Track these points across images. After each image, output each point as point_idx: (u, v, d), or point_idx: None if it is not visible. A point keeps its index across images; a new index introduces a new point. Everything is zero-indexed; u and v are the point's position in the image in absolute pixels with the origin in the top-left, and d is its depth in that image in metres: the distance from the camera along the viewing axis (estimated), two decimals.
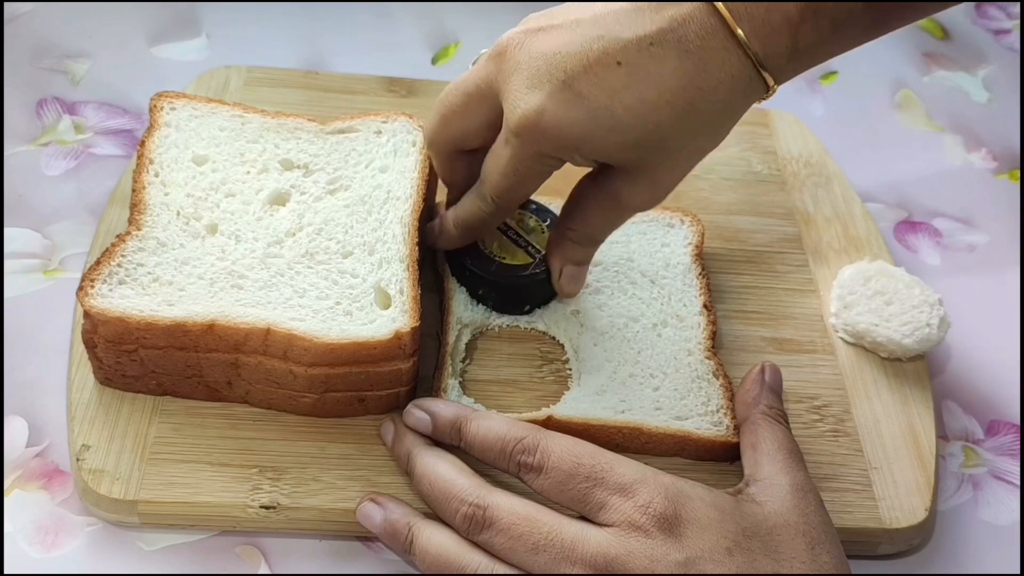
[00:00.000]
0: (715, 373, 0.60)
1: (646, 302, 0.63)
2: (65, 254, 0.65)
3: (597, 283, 0.63)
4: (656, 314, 0.62)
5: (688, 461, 0.58)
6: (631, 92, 0.50)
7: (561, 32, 0.52)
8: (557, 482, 0.50)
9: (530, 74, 0.52)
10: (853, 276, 0.66)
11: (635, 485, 0.49)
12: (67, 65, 0.77)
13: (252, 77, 0.75)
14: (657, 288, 0.64)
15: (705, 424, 0.58)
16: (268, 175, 0.62)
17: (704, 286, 0.64)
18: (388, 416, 0.56)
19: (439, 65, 0.82)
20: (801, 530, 0.50)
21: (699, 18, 0.49)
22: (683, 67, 0.50)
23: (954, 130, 0.83)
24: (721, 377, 0.60)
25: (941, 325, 0.64)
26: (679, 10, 0.50)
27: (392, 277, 0.57)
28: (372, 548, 0.54)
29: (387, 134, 0.64)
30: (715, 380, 0.60)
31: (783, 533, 0.49)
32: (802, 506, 0.51)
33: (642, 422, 0.57)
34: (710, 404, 0.58)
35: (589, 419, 0.56)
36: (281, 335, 0.54)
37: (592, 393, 0.58)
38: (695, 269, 0.65)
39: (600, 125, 0.51)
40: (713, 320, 0.63)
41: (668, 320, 0.62)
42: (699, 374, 0.60)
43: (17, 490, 0.54)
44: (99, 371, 0.56)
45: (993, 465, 0.62)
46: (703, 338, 0.61)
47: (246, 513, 0.53)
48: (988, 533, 0.59)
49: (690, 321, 0.62)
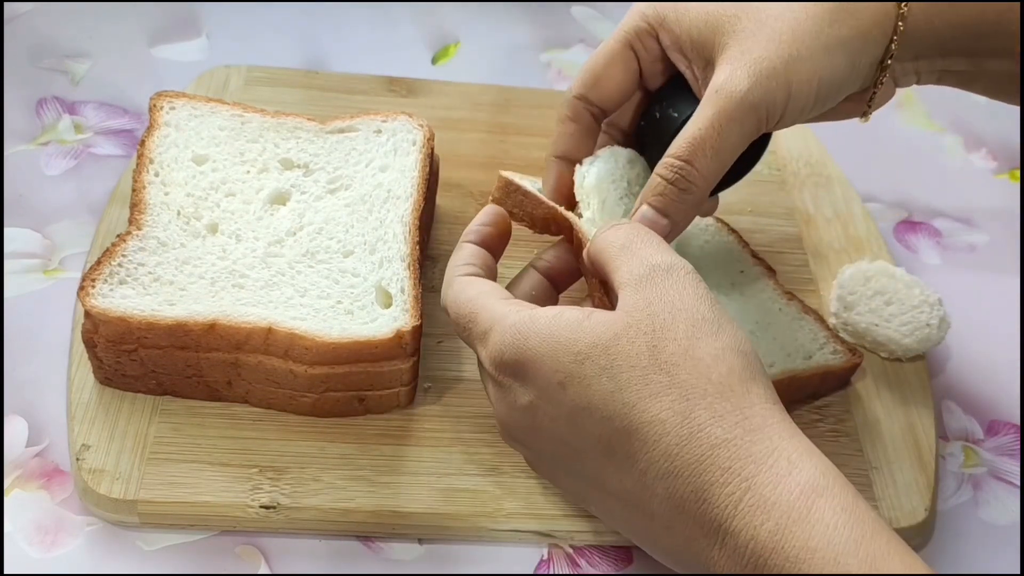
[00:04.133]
0: (803, 311, 0.63)
1: (710, 269, 0.64)
2: (65, 254, 0.65)
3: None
4: (723, 277, 0.64)
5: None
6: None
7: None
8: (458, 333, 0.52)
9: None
10: (853, 276, 0.66)
11: (488, 334, 0.49)
12: (67, 65, 0.77)
13: (252, 77, 0.75)
14: (708, 252, 0.65)
15: (827, 356, 0.60)
16: (268, 174, 0.62)
17: (740, 239, 0.67)
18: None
19: (439, 65, 0.82)
20: (644, 326, 0.45)
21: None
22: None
23: (954, 130, 0.83)
24: (811, 312, 0.63)
25: (941, 325, 0.64)
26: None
27: (393, 276, 0.57)
28: (372, 548, 0.54)
29: (387, 133, 0.64)
30: (808, 317, 0.63)
31: (622, 339, 0.45)
32: (655, 292, 0.46)
33: (792, 369, 0.59)
34: (818, 338, 0.61)
35: None
36: (282, 334, 0.54)
37: None
38: (723, 227, 0.67)
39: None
40: (768, 265, 0.65)
41: (736, 280, 0.64)
42: (792, 316, 0.62)
43: (17, 490, 0.54)
44: (99, 371, 0.56)
45: (993, 465, 0.62)
46: (774, 285, 0.64)
47: (246, 513, 0.53)
48: (988, 533, 0.59)
49: (751, 273, 0.64)
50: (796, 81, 0.51)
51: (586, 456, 0.47)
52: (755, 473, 0.42)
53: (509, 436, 0.51)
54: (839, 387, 0.62)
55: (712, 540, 0.43)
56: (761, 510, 0.42)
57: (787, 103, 0.52)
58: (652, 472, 0.44)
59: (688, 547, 0.44)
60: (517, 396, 0.48)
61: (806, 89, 0.52)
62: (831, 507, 0.41)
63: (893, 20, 0.52)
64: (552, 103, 0.76)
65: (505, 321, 0.48)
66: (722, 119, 0.51)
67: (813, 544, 0.41)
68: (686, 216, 0.53)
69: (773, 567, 0.41)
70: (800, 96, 0.52)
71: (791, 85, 0.51)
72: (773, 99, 0.51)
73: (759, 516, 0.42)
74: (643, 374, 0.45)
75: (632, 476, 0.45)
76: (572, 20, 0.88)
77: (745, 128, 0.52)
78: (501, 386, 0.49)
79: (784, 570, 0.41)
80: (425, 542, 0.55)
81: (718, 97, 0.51)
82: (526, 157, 0.72)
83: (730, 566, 0.43)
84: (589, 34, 0.86)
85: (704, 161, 0.51)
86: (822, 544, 0.41)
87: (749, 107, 0.51)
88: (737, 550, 0.42)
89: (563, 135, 0.57)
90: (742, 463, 0.43)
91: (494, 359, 0.48)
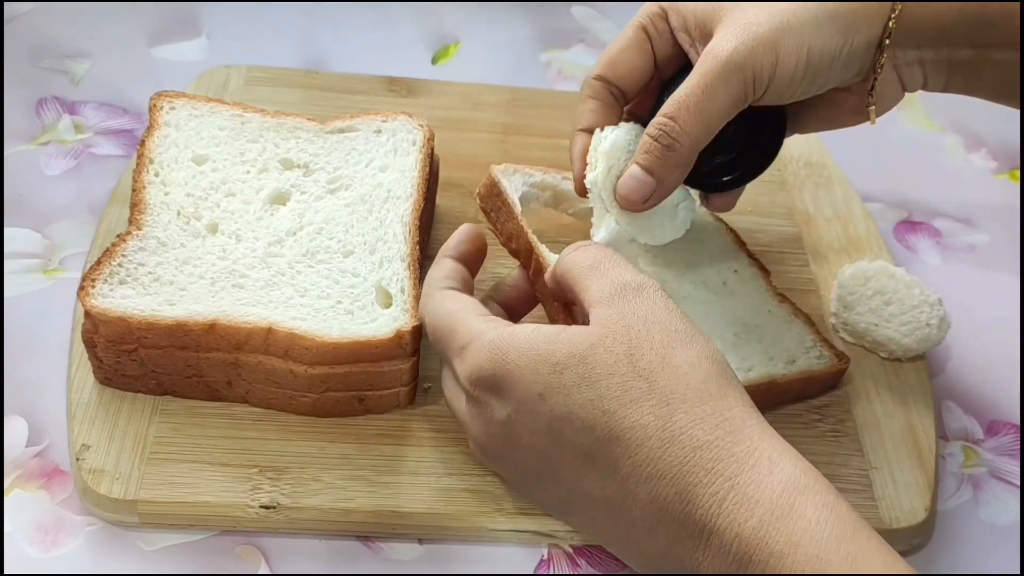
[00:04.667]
0: (793, 313, 0.62)
1: (703, 266, 0.64)
2: (65, 254, 0.65)
3: (657, 260, 0.63)
4: (716, 275, 0.64)
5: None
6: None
7: None
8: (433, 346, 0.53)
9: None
10: (853, 276, 0.66)
11: (466, 348, 0.49)
12: (67, 65, 0.77)
13: (252, 77, 0.75)
14: (703, 251, 0.65)
15: (812, 360, 0.60)
16: (268, 174, 0.62)
17: (736, 238, 0.66)
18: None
19: (439, 65, 0.82)
20: (620, 336, 0.46)
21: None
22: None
23: (954, 130, 0.83)
24: (801, 315, 0.62)
25: (941, 325, 0.64)
26: None
27: (393, 276, 0.57)
28: (372, 548, 0.54)
29: (387, 133, 0.64)
30: (797, 320, 0.62)
31: (599, 349, 0.46)
32: (627, 307, 0.47)
33: (771, 374, 0.58)
34: (805, 341, 0.61)
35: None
36: (283, 334, 0.54)
37: None
38: (721, 225, 0.67)
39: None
40: (762, 266, 0.65)
41: (728, 279, 0.64)
42: (782, 318, 0.62)
43: (17, 490, 0.54)
44: (99, 371, 0.56)
45: (993, 465, 0.62)
46: (766, 286, 0.64)
47: (246, 513, 0.53)
48: (988, 533, 0.59)
49: (745, 273, 0.64)
50: (784, 48, 0.52)
51: (566, 466, 0.47)
52: (737, 472, 0.43)
53: (484, 454, 0.51)
54: (825, 391, 0.61)
55: (696, 542, 0.43)
56: (745, 507, 0.42)
57: (775, 69, 0.52)
58: (635, 477, 0.44)
59: (671, 551, 0.44)
60: (494, 411, 0.48)
61: (794, 57, 0.52)
62: (813, 503, 0.42)
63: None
64: (552, 103, 0.76)
65: (484, 337, 0.49)
66: (707, 78, 0.52)
67: (796, 539, 0.41)
68: (670, 173, 0.54)
69: (758, 563, 0.41)
70: (788, 63, 0.52)
71: (779, 51, 0.52)
72: (759, 62, 0.52)
73: (743, 513, 0.42)
74: (622, 381, 0.45)
75: (614, 482, 0.45)
76: (572, 20, 0.88)
77: (731, 89, 0.52)
78: (477, 401, 0.49)
79: (768, 566, 0.41)
80: (425, 542, 0.55)
81: (705, 58, 0.53)
82: (526, 157, 0.72)
83: (715, 566, 0.43)
84: (589, 34, 0.86)
85: (688, 118, 0.52)
86: (805, 539, 0.41)
87: (734, 67, 0.52)
88: (722, 548, 0.42)
89: (584, 111, 0.58)
90: (724, 463, 0.43)
91: (471, 374, 0.49)
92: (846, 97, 0.57)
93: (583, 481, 0.46)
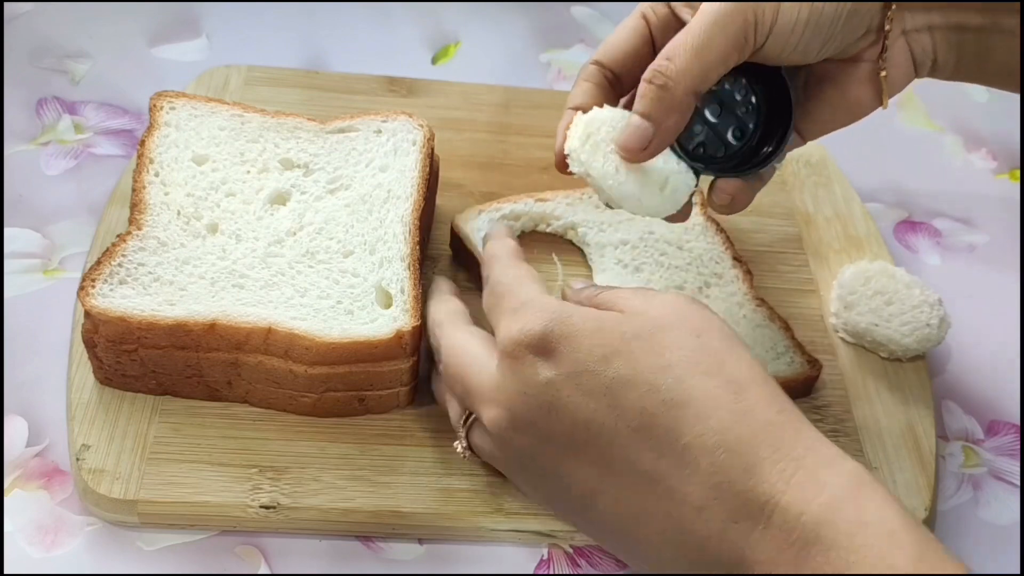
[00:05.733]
0: (769, 318, 0.62)
1: (683, 268, 0.64)
2: (65, 254, 0.65)
3: (634, 262, 0.65)
4: (696, 278, 0.64)
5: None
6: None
7: None
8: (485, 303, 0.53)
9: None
10: (853, 276, 0.66)
11: (522, 309, 0.49)
12: (67, 65, 0.77)
13: (252, 77, 0.75)
14: (686, 252, 0.65)
15: (781, 367, 0.60)
16: (268, 174, 0.62)
17: (726, 240, 0.66)
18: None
19: (439, 65, 0.82)
20: (687, 326, 0.47)
21: None
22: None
23: (954, 130, 0.83)
24: (777, 320, 0.62)
25: (941, 325, 0.64)
26: None
27: (393, 276, 0.57)
28: (372, 548, 0.54)
29: (387, 133, 0.64)
30: (772, 324, 0.62)
31: (668, 331, 0.47)
32: (687, 309, 0.49)
33: None
34: (777, 347, 0.61)
35: None
36: (282, 334, 0.54)
37: None
38: (711, 227, 0.67)
39: None
40: (747, 269, 0.65)
41: (710, 280, 0.64)
42: (756, 323, 0.62)
43: (17, 490, 0.54)
44: (99, 371, 0.56)
45: (993, 465, 0.62)
46: (746, 289, 0.64)
47: (246, 513, 0.53)
48: (988, 533, 0.59)
49: (728, 276, 0.64)
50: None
51: (614, 434, 0.46)
52: (804, 455, 0.43)
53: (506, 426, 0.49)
54: (795, 397, 0.58)
55: (756, 521, 0.43)
56: (813, 485, 0.42)
57: (776, 15, 0.51)
58: (698, 446, 0.44)
59: (723, 533, 0.43)
60: (538, 371, 0.47)
61: (796, 5, 0.51)
62: (878, 494, 0.42)
63: None
64: (552, 103, 0.76)
65: (547, 301, 0.49)
66: (705, 20, 0.51)
67: (866, 518, 0.41)
68: (666, 117, 0.52)
69: (825, 538, 0.41)
70: (790, 10, 0.51)
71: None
72: (761, 6, 0.51)
73: (811, 491, 0.42)
74: (692, 355, 0.46)
75: (672, 452, 0.45)
76: (572, 20, 0.88)
77: (728, 31, 0.51)
78: (517, 360, 0.48)
79: (837, 543, 0.41)
80: (425, 542, 0.55)
81: (704, 5, 0.52)
82: (526, 157, 0.72)
83: (772, 547, 0.42)
84: (589, 34, 0.86)
85: (683, 58, 0.51)
86: (876, 519, 0.41)
87: (733, 9, 0.51)
88: (785, 526, 0.42)
89: (578, 92, 0.58)
90: (791, 445, 0.44)
91: (522, 330, 0.48)
92: (856, 76, 0.56)
93: (631, 451, 0.46)
